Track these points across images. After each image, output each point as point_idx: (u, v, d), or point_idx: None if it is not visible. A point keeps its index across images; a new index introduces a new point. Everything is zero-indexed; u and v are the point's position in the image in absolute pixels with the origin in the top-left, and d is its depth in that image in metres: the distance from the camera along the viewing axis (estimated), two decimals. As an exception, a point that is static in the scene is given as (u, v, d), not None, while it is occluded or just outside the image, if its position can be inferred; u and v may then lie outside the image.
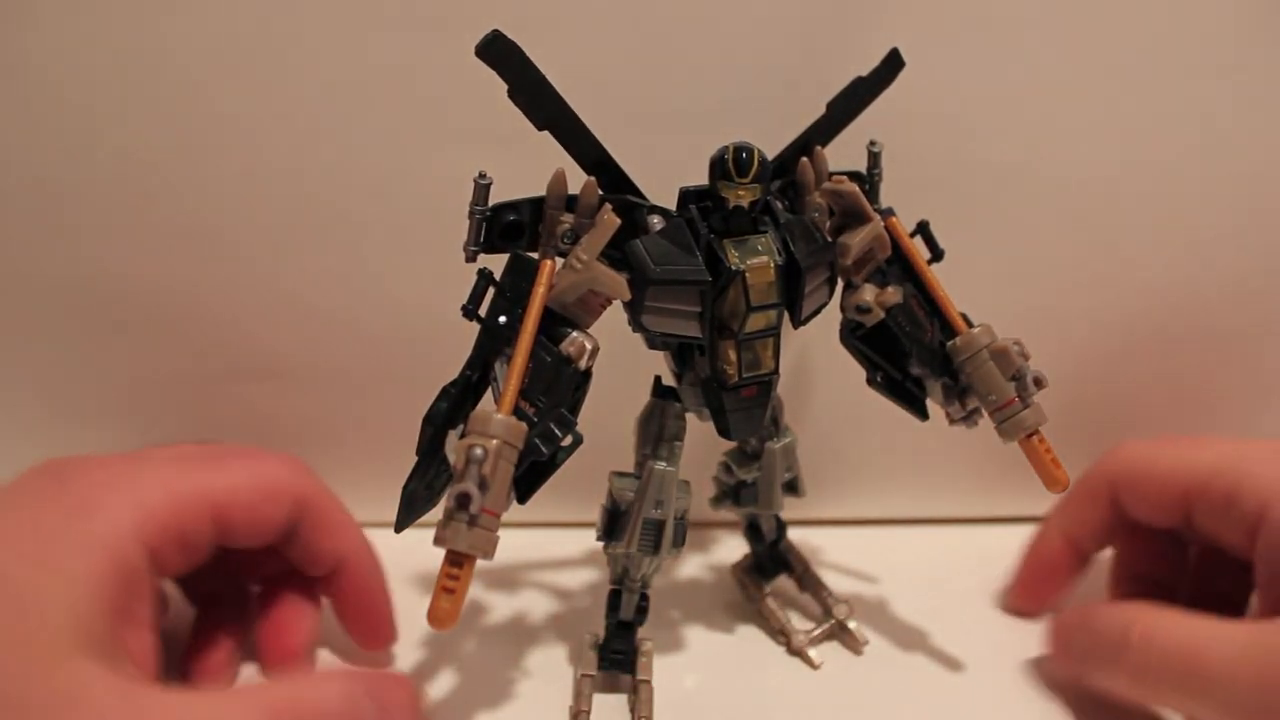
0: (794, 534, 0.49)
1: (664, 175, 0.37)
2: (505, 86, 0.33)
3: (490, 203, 0.35)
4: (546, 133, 0.34)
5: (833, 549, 0.53)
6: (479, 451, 0.31)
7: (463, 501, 0.31)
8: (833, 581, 0.48)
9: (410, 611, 0.46)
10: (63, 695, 0.28)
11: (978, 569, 0.51)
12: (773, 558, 0.49)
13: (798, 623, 0.47)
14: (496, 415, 0.32)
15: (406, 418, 0.36)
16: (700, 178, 0.37)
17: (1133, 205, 0.50)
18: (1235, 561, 0.41)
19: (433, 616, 0.31)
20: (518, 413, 0.33)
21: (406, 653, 0.45)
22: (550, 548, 0.52)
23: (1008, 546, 0.49)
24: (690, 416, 0.41)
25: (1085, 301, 0.51)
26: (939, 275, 0.41)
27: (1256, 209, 0.50)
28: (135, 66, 0.44)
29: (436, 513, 0.35)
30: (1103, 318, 0.52)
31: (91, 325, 0.49)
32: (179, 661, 0.41)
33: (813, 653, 0.45)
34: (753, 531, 0.49)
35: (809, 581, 0.48)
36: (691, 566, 0.52)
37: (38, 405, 0.51)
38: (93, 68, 0.44)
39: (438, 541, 0.31)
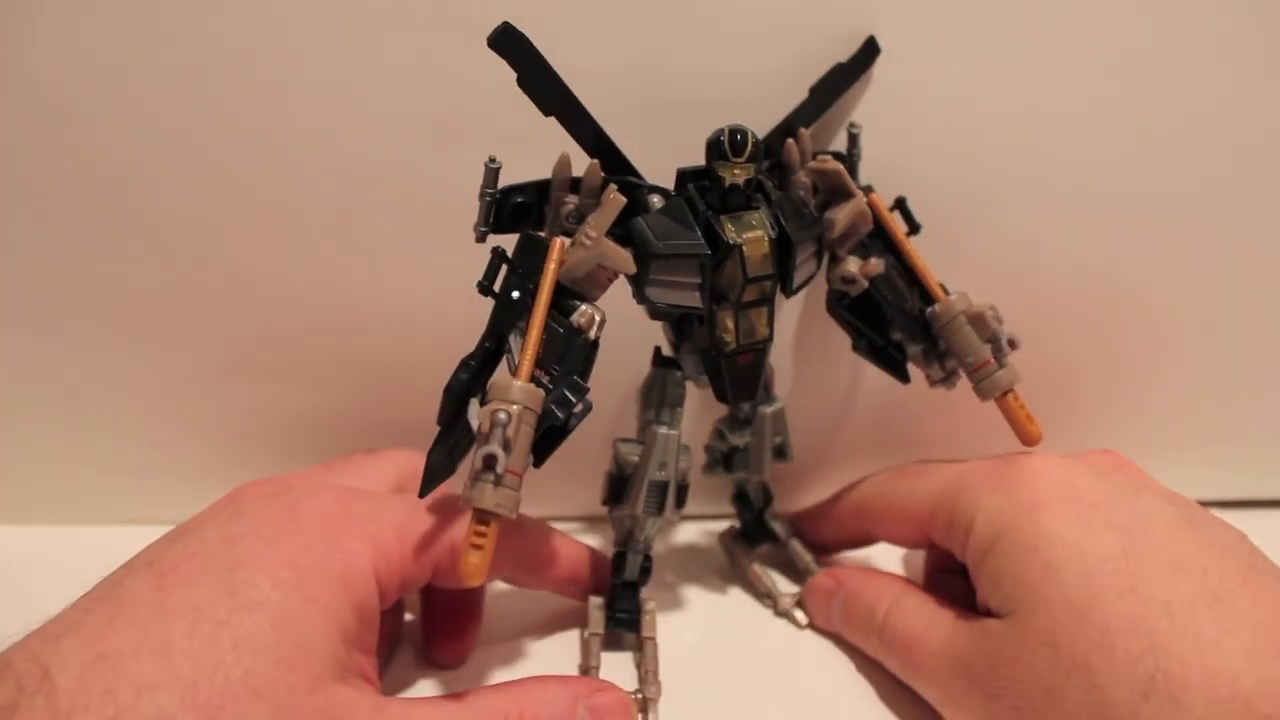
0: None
1: (657, 158, 0.40)
2: (505, 86, 0.35)
3: (499, 186, 0.37)
4: (536, 138, 0.36)
5: None
6: (503, 415, 0.33)
7: (489, 462, 0.32)
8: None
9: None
10: (321, 714, 0.31)
11: None
12: (758, 525, 0.51)
13: (783, 586, 0.49)
14: (516, 382, 0.34)
15: (409, 415, 0.39)
16: (683, 161, 0.40)
17: (1138, 206, 0.50)
18: None
19: (463, 572, 0.32)
20: (534, 381, 0.35)
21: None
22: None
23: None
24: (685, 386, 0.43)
25: (1086, 296, 0.52)
26: (920, 250, 0.44)
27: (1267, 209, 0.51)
28: (137, 65, 0.44)
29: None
30: (1125, 316, 0.53)
31: (93, 324, 0.49)
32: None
33: (798, 614, 0.48)
34: (740, 499, 0.51)
35: (793, 548, 0.50)
36: (686, 533, 0.55)
37: (41, 405, 0.51)
38: (93, 65, 0.44)
39: (464, 501, 0.33)
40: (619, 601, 0.45)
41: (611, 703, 0.38)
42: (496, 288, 0.37)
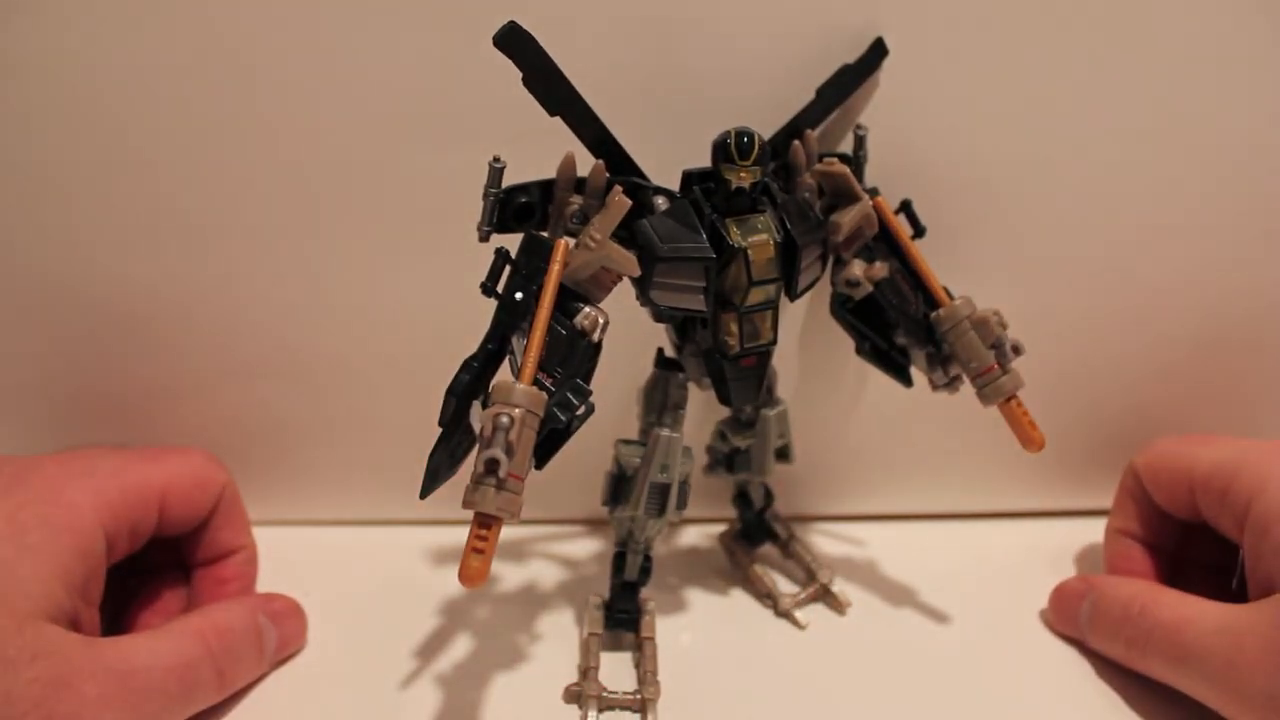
0: (799, 528, 0.53)
1: (662, 159, 0.40)
2: (510, 85, 0.35)
3: (503, 185, 0.37)
4: (541, 138, 0.36)
5: (826, 542, 0.55)
6: (505, 419, 0.33)
7: (491, 466, 0.32)
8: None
9: (424, 585, 0.49)
10: (29, 649, 0.34)
11: (962, 554, 0.53)
12: (760, 525, 0.51)
13: (784, 586, 0.49)
14: (519, 385, 0.34)
15: (409, 416, 0.39)
16: (689, 162, 0.40)
17: (1146, 208, 0.50)
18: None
19: (464, 575, 0.32)
20: (535, 383, 0.35)
21: (423, 621, 0.47)
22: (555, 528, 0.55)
23: (995, 541, 0.54)
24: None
25: (1110, 302, 0.52)
26: (925, 253, 0.43)
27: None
28: (134, 65, 0.44)
29: (429, 507, 0.37)
30: (1129, 320, 0.52)
31: (88, 325, 0.49)
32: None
33: (799, 614, 0.48)
34: (742, 500, 0.51)
35: (794, 548, 0.51)
36: (687, 534, 0.55)
37: (36, 406, 0.51)
38: (92, 66, 0.44)
39: (467, 505, 0.33)
40: (618, 602, 0.45)
41: (284, 607, 0.45)
42: (500, 289, 0.37)
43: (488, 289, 0.37)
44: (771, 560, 0.51)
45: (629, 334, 0.40)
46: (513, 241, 0.37)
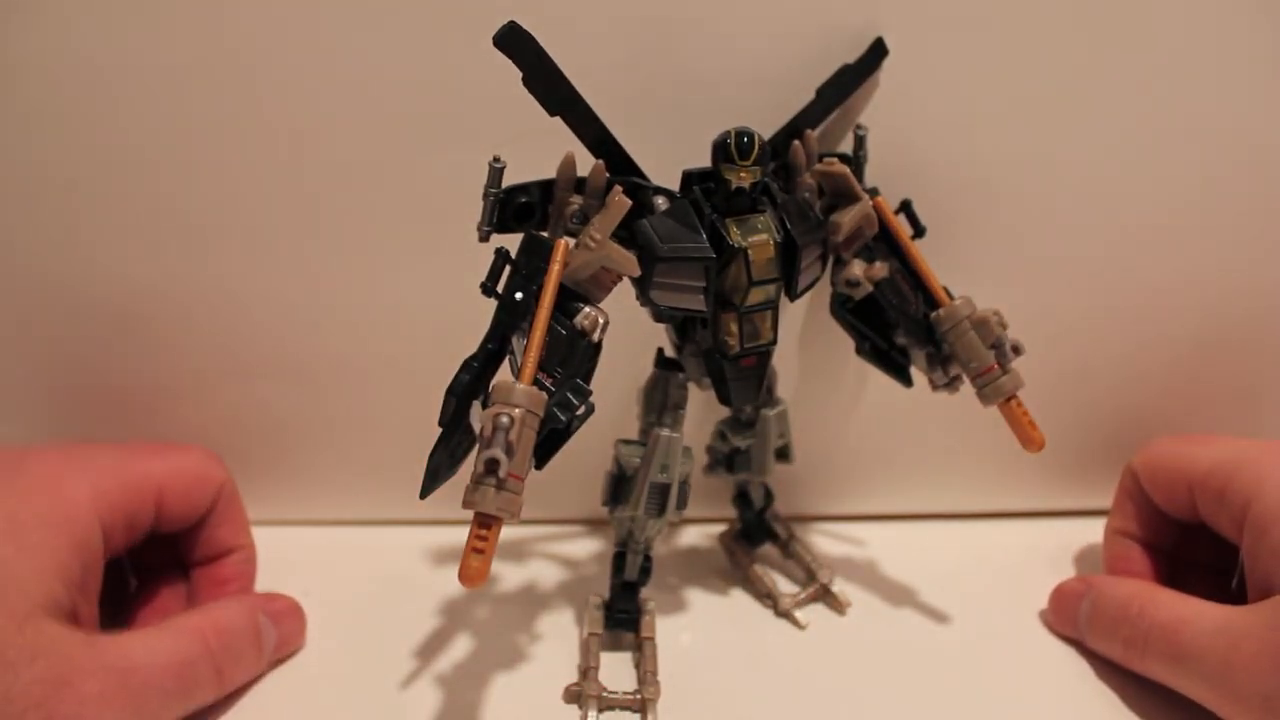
0: (799, 528, 0.53)
1: (662, 159, 0.40)
2: (510, 85, 0.35)
3: (503, 185, 0.37)
4: (541, 138, 0.36)
5: (826, 542, 0.55)
6: (505, 419, 0.33)
7: (491, 466, 0.32)
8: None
9: (424, 585, 0.49)
10: (29, 649, 0.34)
11: (962, 554, 0.53)
12: (760, 525, 0.51)
13: (784, 586, 0.49)
14: (519, 385, 0.34)
15: (409, 416, 0.39)
16: (689, 162, 0.40)
17: (1145, 208, 0.50)
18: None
19: (464, 575, 0.32)
20: (536, 383, 0.35)
21: (423, 621, 0.47)
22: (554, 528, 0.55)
23: (995, 541, 0.54)
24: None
25: (1110, 303, 0.52)
26: (925, 253, 0.43)
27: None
28: (134, 65, 0.44)
29: (429, 507, 0.37)
30: (1129, 320, 0.52)
31: (88, 325, 0.49)
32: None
33: (799, 614, 0.48)
34: (742, 500, 0.51)
35: (794, 548, 0.51)
36: (687, 534, 0.55)
37: (36, 406, 0.51)
38: (92, 66, 0.44)
39: (467, 505, 0.33)
40: (618, 602, 0.45)
41: (284, 606, 0.45)
42: (500, 289, 0.37)
43: (488, 289, 0.37)
44: (771, 560, 0.51)
45: (629, 334, 0.40)
46: (513, 241, 0.37)
